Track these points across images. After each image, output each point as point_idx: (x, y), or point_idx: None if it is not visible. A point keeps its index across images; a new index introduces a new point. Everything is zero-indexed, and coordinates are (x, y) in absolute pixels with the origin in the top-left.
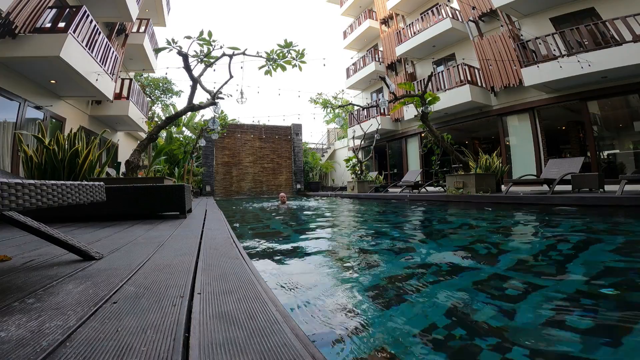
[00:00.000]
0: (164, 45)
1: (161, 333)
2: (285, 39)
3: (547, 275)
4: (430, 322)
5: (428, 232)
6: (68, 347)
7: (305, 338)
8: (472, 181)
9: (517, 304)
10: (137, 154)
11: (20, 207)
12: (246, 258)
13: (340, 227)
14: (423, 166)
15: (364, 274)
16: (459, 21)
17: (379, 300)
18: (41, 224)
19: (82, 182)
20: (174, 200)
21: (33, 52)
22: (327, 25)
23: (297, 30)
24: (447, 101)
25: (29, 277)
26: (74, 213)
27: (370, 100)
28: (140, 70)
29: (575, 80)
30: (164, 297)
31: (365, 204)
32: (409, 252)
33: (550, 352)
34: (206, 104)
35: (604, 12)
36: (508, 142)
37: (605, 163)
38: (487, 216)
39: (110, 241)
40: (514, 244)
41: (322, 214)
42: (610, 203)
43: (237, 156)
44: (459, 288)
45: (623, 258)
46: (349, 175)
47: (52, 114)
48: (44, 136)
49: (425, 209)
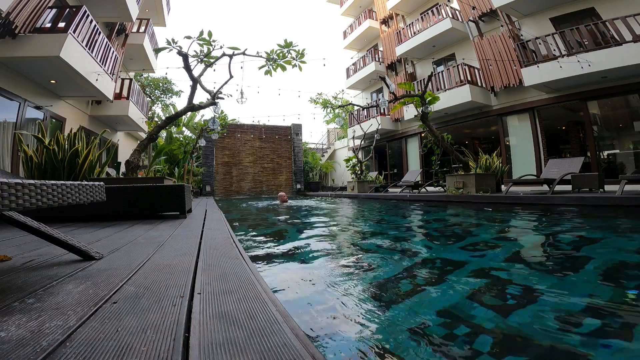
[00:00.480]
0: (164, 45)
1: (161, 333)
2: (285, 39)
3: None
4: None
5: (428, 232)
6: (68, 347)
7: (305, 338)
8: (472, 181)
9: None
10: (137, 154)
11: (20, 207)
12: (246, 258)
13: (340, 227)
14: (423, 166)
15: (363, 274)
16: (459, 21)
17: (379, 299)
18: (41, 224)
19: (82, 182)
20: (174, 200)
21: (33, 52)
22: (327, 25)
23: (297, 30)
24: (447, 101)
25: (29, 277)
26: (74, 213)
27: (370, 100)
28: (140, 70)
29: (575, 80)
30: (164, 297)
31: (365, 203)
32: (407, 252)
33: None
34: (206, 104)
35: (604, 12)
36: (508, 142)
37: (605, 163)
38: (491, 216)
39: (110, 241)
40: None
41: (321, 214)
42: (611, 203)
43: (237, 156)
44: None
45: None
46: (349, 175)
47: (52, 114)
48: (44, 136)
49: (425, 209)
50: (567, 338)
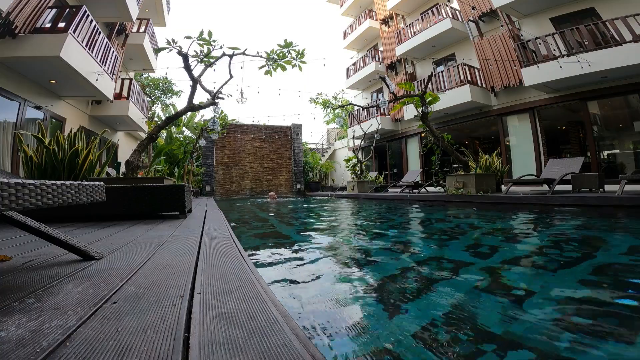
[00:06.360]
0: (164, 45)
1: (161, 333)
2: (285, 39)
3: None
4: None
5: (429, 232)
6: (68, 347)
7: (305, 338)
8: (472, 181)
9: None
10: (137, 154)
11: (20, 207)
12: (246, 258)
13: (340, 226)
14: (423, 166)
15: (362, 273)
16: (459, 21)
17: (379, 297)
18: (41, 224)
19: (82, 182)
20: (174, 200)
21: (33, 52)
22: (327, 25)
23: (297, 30)
24: (447, 101)
25: (29, 277)
26: (74, 213)
27: (370, 100)
28: (140, 70)
29: (575, 80)
30: (164, 297)
31: (365, 203)
32: (406, 251)
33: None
34: (206, 104)
35: (604, 12)
36: (508, 142)
37: (605, 163)
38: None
39: (110, 241)
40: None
41: (320, 214)
42: (611, 203)
43: (237, 156)
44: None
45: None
46: (349, 175)
47: (52, 114)
48: (44, 136)
49: (426, 209)
50: (564, 337)
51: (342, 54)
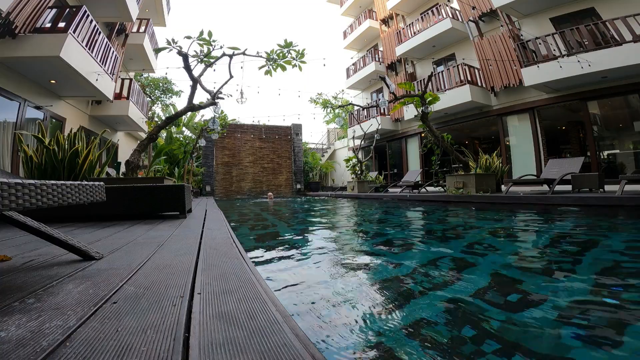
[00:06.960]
0: (164, 45)
1: (161, 333)
2: (285, 39)
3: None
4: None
5: (429, 232)
6: (68, 347)
7: (305, 338)
8: (472, 181)
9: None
10: (137, 154)
11: (20, 207)
12: (246, 258)
13: (340, 227)
14: (423, 166)
15: (362, 272)
16: (459, 21)
17: (380, 297)
18: (41, 224)
19: (82, 182)
20: (174, 200)
21: (33, 52)
22: (327, 25)
23: (297, 30)
24: (447, 101)
25: (29, 277)
26: (74, 213)
27: (370, 100)
28: (140, 70)
29: (575, 80)
30: (164, 297)
31: (365, 203)
32: (405, 252)
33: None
34: (206, 104)
35: (604, 12)
36: (508, 142)
37: (605, 163)
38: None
39: (110, 241)
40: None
41: (320, 214)
42: (611, 203)
43: (237, 156)
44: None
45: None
46: (349, 175)
47: (52, 114)
48: (44, 136)
49: (426, 209)
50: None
51: (342, 54)
